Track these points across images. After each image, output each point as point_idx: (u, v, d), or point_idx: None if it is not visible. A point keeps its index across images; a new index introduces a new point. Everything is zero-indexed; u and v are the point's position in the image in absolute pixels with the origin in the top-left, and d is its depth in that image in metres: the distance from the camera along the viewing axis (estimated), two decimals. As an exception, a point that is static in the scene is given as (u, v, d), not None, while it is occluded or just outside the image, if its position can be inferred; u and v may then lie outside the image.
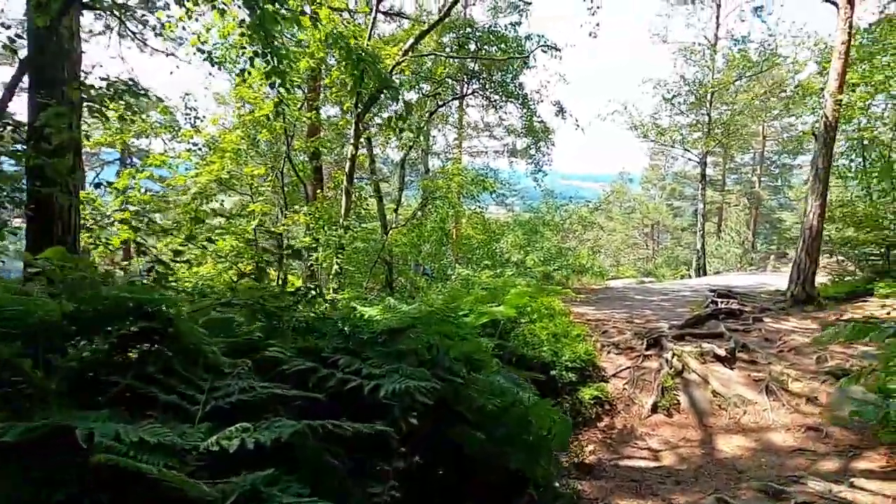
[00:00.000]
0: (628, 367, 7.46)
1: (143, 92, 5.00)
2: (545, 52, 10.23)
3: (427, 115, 11.95)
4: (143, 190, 7.92)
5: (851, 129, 10.42)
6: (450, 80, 11.90)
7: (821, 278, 11.11)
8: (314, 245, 9.26)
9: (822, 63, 12.84)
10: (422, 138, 13.96)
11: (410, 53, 8.89)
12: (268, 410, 2.62)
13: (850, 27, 9.54)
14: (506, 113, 21.70)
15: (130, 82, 4.90)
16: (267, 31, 4.69)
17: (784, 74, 22.19)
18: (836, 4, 9.60)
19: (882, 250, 10.38)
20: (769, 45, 17.63)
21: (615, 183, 48.23)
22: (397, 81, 8.74)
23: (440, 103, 11.76)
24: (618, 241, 45.69)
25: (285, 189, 10.87)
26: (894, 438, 5.63)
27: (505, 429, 3.46)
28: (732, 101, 21.00)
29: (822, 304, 10.02)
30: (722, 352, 7.45)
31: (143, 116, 10.53)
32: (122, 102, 4.90)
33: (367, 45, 7.76)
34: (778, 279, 15.59)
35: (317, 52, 8.21)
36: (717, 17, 19.34)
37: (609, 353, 7.90)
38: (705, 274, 21.24)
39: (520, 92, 11.47)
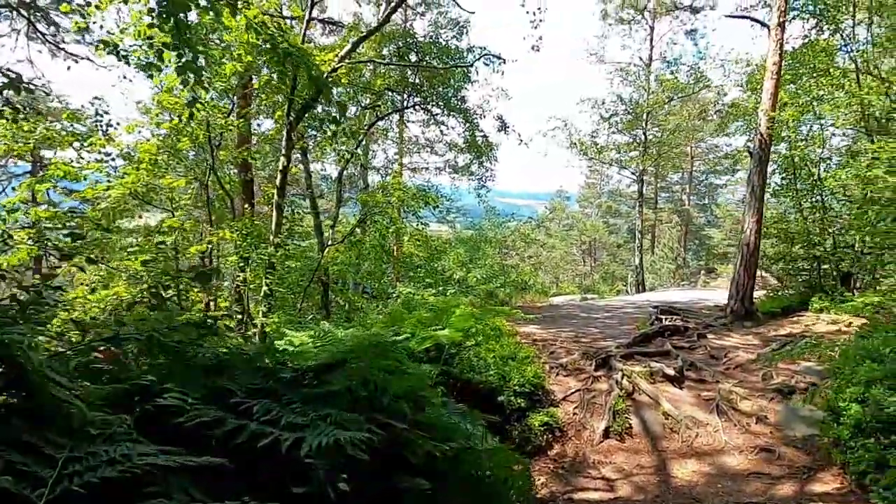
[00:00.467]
0: (578, 390, 7.13)
1: (27, 84, 4.24)
2: (488, 65, 10.00)
3: (366, 128, 11.44)
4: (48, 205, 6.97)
5: (784, 147, 10.72)
6: (390, 93, 11.46)
7: (758, 293, 11.33)
8: (241, 265, 8.51)
9: (751, 86, 13.32)
10: (360, 151, 13.41)
11: (347, 60, 8.38)
12: (151, 484, 1.98)
13: (782, 48, 9.83)
14: (448, 128, 21.52)
15: (10, 72, 4.13)
16: (178, 20, 4.08)
17: (711, 97, 23.33)
18: (767, 27, 9.88)
19: (813, 265, 10.66)
20: (699, 68, 18.38)
21: (554, 201, 49.37)
22: (333, 88, 8.25)
23: (379, 116, 11.29)
24: (557, 257, 46.50)
25: (212, 204, 10.00)
26: (846, 458, 5.49)
27: (457, 479, 2.97)
28: (664, 122, 21.74)
29: (760, 319, 10.14)
30: (671, 371, 7.25)
31: (52, 123, 9.49)
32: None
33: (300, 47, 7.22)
34: (712, 294, 15.95)
35: (244, 56, 7.56)
36: (651, 40, 20.07)
37: (558, 374, 7.56)
38: (644, 290, 21.66)
39: (462, 105, 11.18)
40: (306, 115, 8.46)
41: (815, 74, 10.43)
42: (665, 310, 11.06)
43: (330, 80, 7.65)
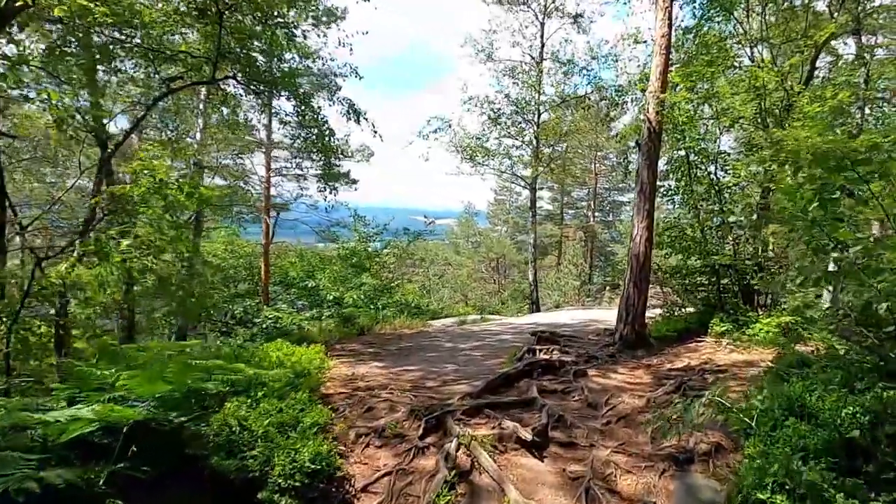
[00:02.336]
0: (389, 472, 4.69)
1: None
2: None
3: (149, 104, 8.59)
4: None
5: (675, 141, 9.04)
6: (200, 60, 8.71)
7: (652, 311, 9.55)
8: None
9: (639, 85, 11.75)
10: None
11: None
12: None
13: (671, 19, 8.15)
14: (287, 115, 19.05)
15: None
16: None
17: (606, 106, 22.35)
18: (653, -8, 8.17)
19: (712, 279, 8.98)
20: (591, 68, 17.04)
21: (461, 217, 48.05)
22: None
23: (169, 89, 8.49)
24: (464, 275, 45.03)
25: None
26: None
27: None
28: (557, 123, 20.05)
29: (653, 347, 8.27)
30: (528, 434, 4.98)
31: None
32: None
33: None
34: (609, 314, 14.25)
35: None
36: (542, 37, 18.50)
37: (368, 446, 5.09)
38: (539, 309, 19.79)
39: (294, 80, 8.68)
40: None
41: (707, 54, 8.86)
42: (546, 337, 8.98)
43: None
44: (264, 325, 17.03)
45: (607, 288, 39.56)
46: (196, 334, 16.33)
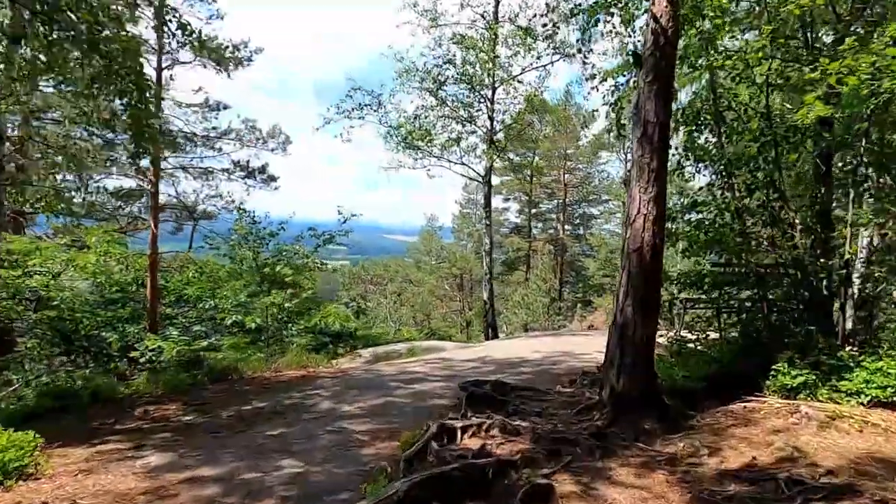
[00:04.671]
0: None
1: None
2: None
3: None
4: None
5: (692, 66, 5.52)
6: None
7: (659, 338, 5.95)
8: None
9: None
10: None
11: None
12: None
13: None
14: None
15: None
16: None
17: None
18: None
19: (757, 292, 5.42)
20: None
21: (423, 230, 44.62)
22: None
23: None
24: (425, 293, 41.34)
25: None
26: None
27: None
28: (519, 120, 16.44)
29: (670, 412, 4.64)
30: None
31: None
32: None
33: None
34: (588, 343, 10.64)
35: None
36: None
37: None
38: (497, 335, 15.81)
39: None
40: None
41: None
42: (483, 395, 5.22)
43: None
44: (142, 358, 12.91)
45: (579, 305, 36.25)
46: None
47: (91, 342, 14.44)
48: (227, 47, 15.78)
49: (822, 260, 5.01)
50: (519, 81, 15.51)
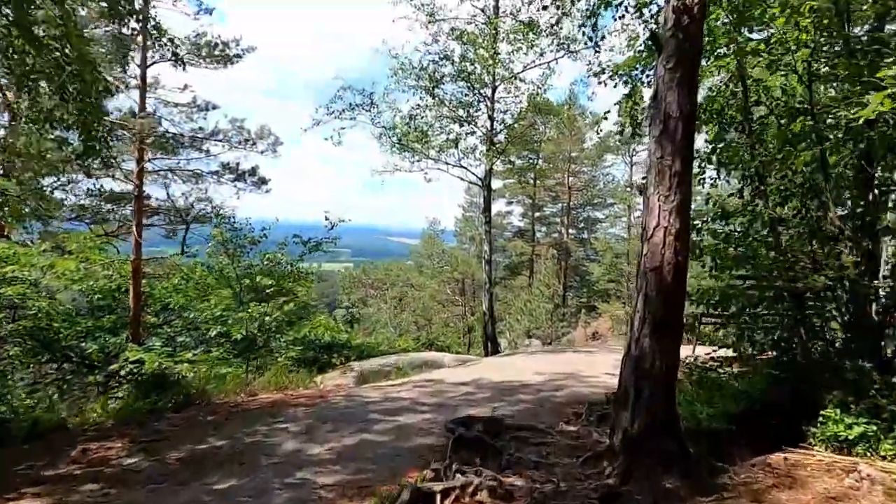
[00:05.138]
0: None
1: None
2: None
3: None
4: None
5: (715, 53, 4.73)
6: None
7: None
8: None
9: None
10: None
11: None
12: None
13: None
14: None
15: None
16: None
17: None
18: None
19: (793, 314, 4.63)
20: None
21: (425, 234, 43.82)
22: None
23: None
24: (426, 297, 40.51)
25: None
26: None
27: None
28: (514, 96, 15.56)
29: (697, 468, 3.85)
30: None
31: None
32: None
33: None
34: (593, 360, 9.86)
35: None
36: (497, -9, 14.21)
37: None
38: (497, 350, 14.83)
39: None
40: None
41: None
42: (473, 439, 4.43)
43: None
44: (122, 371, 12.18)
45: (583, 311, 35.40)
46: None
47: (72, 352, 13.72)
48: (217, 45, 15.12)
49: (875, 281, 4.21)
50: (521, 80, 14.80)
